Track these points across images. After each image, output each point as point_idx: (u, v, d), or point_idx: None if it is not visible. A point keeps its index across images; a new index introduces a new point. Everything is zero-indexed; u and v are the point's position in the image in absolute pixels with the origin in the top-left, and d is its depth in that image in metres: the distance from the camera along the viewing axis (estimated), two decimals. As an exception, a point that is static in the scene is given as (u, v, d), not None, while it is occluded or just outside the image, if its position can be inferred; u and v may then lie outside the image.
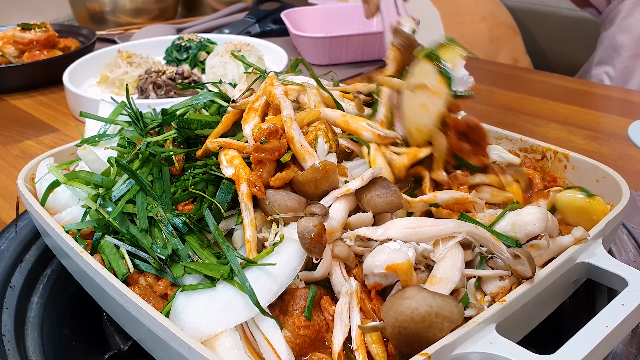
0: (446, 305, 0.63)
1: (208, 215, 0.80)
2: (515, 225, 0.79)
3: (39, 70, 2.08)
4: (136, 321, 0.72)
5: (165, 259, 0.78)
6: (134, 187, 0.86)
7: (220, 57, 2.00)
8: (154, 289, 0.79)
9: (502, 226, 0.80)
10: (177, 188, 0.88)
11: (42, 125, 1.77)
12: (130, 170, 0.86)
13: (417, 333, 0.63)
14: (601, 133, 1.58)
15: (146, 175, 0.88)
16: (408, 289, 0.66)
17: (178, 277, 0.78)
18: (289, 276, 0.74)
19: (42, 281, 1.07)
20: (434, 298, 0.63)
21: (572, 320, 0.99)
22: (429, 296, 0.64)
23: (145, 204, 0.84)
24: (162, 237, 0.81)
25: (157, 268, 0.80)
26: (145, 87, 1.85)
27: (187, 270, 0.77)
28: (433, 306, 0.63)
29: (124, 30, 2.79)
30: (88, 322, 1.06)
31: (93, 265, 0.78)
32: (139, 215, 0.82)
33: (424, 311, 0.63)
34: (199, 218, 0.82)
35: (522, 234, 0.78)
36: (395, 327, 0.64)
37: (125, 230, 0.82)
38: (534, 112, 1.73)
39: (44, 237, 1.03)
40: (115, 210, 0.82)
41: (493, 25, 2.85)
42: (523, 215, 0.79)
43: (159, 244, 0.80)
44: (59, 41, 2.29)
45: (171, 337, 0.67)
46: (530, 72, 2.26)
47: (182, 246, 0.79)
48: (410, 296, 0.64)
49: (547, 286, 0.74)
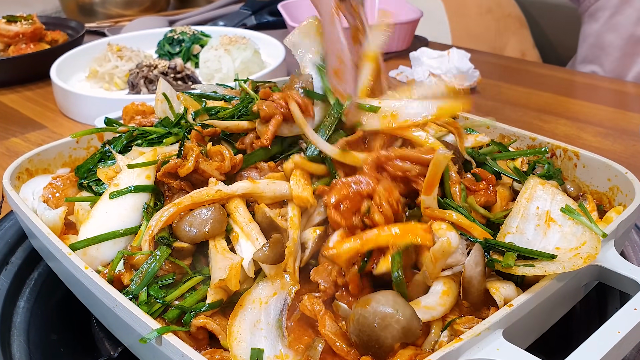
0: (412, 320, 0.68)
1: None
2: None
3: (25, 64, 2.08)
4: (127, 326, 0.72)
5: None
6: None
7: (215, 50, 1.99)
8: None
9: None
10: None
11: (28, 122, 1.76)
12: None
13: (372, 327, 0.67)
14: (613, 130, 1.58)
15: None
16: (391, 291, 0.71)
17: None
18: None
19: (29, 285, 1.07)
20: (404, 307, 0.68)
21: (582, 326, 0.99)
22: (402, 304, 0.69)
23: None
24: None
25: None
26: (137, 82, 1.85)
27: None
28: (399, 312, 0.68)
29: (114, 22, 2.79)
30: (77, 327, 1.06)
31: (81, 267, 0.78)
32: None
33: (388, 312, 0.68)
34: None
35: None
36: (358, 312, 0.69)
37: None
38: (543, 108, 1.73)
39: (30, 239, 1.02)
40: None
41: (500, 17, 2.85)
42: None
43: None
44: (46, 34, 2.29)
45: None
46: (538, 66, 2.26)
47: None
48: (387, 294, 0.70)
49: (556, 290, 0.74)
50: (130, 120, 1.17)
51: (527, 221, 0.83)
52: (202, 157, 0.91)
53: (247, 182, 0.87)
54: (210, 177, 0.89)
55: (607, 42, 2.14)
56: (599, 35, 2.16)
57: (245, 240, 0.83)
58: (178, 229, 0.83)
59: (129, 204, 0.89)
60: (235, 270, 0.75)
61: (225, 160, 0.91)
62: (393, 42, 2.20)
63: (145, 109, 1.19)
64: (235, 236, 0.84)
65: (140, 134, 1.05)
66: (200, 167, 0.89)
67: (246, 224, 0.84)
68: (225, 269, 0.76)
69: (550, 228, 0.82)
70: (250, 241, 0.83)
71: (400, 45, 2.23)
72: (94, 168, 1.02)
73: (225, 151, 0.91)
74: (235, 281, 0.75)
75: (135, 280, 0.79)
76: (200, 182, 0.91)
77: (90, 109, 1.68)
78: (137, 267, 0.81)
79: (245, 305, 0.76)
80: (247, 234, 0.83)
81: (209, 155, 0.93)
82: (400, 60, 2.10)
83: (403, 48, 2.23)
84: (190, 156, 0.89)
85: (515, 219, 0.83)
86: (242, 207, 0.86)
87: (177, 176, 0.89)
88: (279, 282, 0.78)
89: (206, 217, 0.83)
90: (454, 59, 1.78)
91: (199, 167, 0.89)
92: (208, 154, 0.93)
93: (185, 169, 0.88)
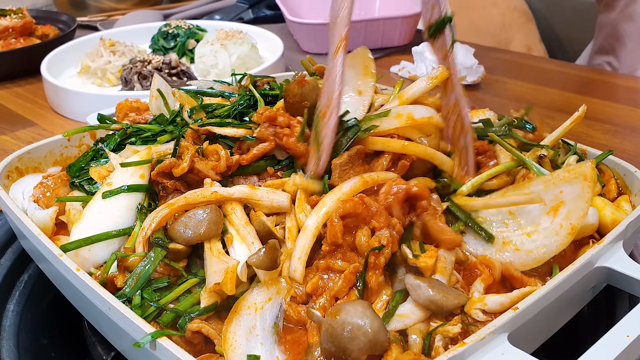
0: (379, 332, 0.68)
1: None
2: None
3: (15, 59, 2.08)
4: (120, 330, 0.72)
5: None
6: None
7: (211, 45, 1.99)
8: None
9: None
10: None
11: (18, 119, 1.76)
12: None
13: (340, 338, 0.68)
14: (622, 127, 1.58)
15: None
16: (362, 302, 0.72)
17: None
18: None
19: (19, 287, 1.07)
20: (373, 320, 0.69)
21: (590, 330, 0.99)
22: (371, 316, 0.69)
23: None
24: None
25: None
26: (130, 78, 1.85)
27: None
28: (367, 325, 0.68)
29: (107, 16, 2.78)
30: (68, 331, 1.07)
31: (73, 269, 0.78)
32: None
33: (356, 323, 0.68)
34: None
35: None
36: (327, 322, 0.70)
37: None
38: (549, 105, 1.73)
39: (20, 240, 1.02)
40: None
41: (505, 11, 2.85)
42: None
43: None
44: (37, 28, 2.29)
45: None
46: (545, 61, 2.26)
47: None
48: (357, 305, 0.71)
49: (563, 292, 0.74)
50: (124, 117, 1.17)
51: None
52: (198, 156, 0.91)
53: (245, 187, 0.87)
54: (205, 177, 0.89)
55: (622, 31, 2.13)
56: (615, 24, 2.16)
57: (240, 243, 0.83)
58: (172, 230, 0.83)
59: (123, 204, 0.89)
60: (232, 274, 0.75)
61: (221, 160, 0.91)
62: (395, 37, 2.20)
63: (140, 106, 1.19)
64: (229, 238, 0.84)
65: (134, 132, 1.05)
66: (195, 167, 0.89)
67: (242, 227, 0.84)
68: (221, 273, 0.76)
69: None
70: (246, 244, 0.83)
71: (402, 39, 2.23)
72: (86, 167, 1.02)
73: (221, 151, 0.92)
74: (231, 285, 0.75)
75: (129, 283, 0.79)
76: (196, 182, 0.91)
77: (82, 106, 1.68)
78: (131, 269, 0.81)
79: (240, 312, 0.76)
80: (243, 237, 0.83)
81: (205, 154, 0.93)
82: (402, 55, 2.10)
83: (405, 43, 2.23)
84: (186, 156, 0.89)
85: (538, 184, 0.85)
86: (239, 209, 0.86)
87: (172, 176, 0.89)
88: (274, 287, 0.78)
89: (202, 218, 0.83)
90: (458, 54, 1.78)
91: (195, 167, 0.89)
92: (204, 152, 0.93)
93: (180, 169, 0.88)
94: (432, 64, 1.81)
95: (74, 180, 1.01)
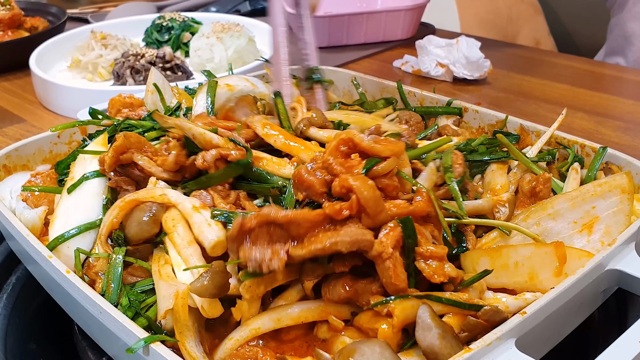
0: None
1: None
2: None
3: (3, 53, 2.08)
4: (112, 335, 0.72)
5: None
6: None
7: (206, 38, 1.99)
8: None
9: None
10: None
11: (6, 115, 1.76)
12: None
13: None
14: (634, 124, 1.58)
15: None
16: (375, 340, 0.67)
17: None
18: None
19: (6, 290, 1.07)
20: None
21: (600, 335, 0.99)
22: (389, 356, 0.64)
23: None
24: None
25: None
26: (122, 73, 1.84)
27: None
28: None
29: (98, 8, 2.78)
30: (58, 336, 1.06)
31: (63, 271, 0.78)
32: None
33: None
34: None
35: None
36: None
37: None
38: (558, 100, 1.73)
39: (7, 240, 1.02)
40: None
41: (512, 3, 2.85)
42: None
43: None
44: (25, 20, 2.28)
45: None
46: (554, 56, 2.26)
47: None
48: (372, 346, 0.65)
49: (572, 296, 0.74)
50: (116, 113, 1.17)
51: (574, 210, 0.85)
52: (147, 150, 0.91)
53: (190, 203, 0.83)
54: (150, 175, 0.89)
55: (630, 31, 2.14)
56: (623, 24, 2.17)
57: (179, 267, 0.79)
58: (126, 229, 0.83)
59: (89, 193, 0.92)
60: (182, 300, 0.72)
61: (170, 155, 0.89)
62: (398, 30, 2.20)
63: (133, 102, 1.19)
64: (171, 259, 0.81)
65: (125, 128, 1.05)
66: (136, 161, 0.89)
67: (185, 247, 0.80)
68: (171, 297, 0.73)
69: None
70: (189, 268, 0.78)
71: (405, 33, 2.23)
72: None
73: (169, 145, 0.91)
74: (183, 313, 0.72)
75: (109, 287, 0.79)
76: (142, 179, 0.91)
77: (72, 101, 1.68)
78: (98, 271, 0.82)
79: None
80: (185, 259, 0.79)
81: (157, 152, 0.93)
82: (405, 49, 2.10)
83: (408, 36, 2.23)
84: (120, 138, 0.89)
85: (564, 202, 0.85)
86: (181, 227, 0.82)
87: (123, 166, 0.90)
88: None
89: (152, 214, 0.83)
90: (463, 48, 1.78)
91: (137, 164, 0.89)
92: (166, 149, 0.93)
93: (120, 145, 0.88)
94: (437, 58, 1.81)
95: (62, 177, 1.01)
